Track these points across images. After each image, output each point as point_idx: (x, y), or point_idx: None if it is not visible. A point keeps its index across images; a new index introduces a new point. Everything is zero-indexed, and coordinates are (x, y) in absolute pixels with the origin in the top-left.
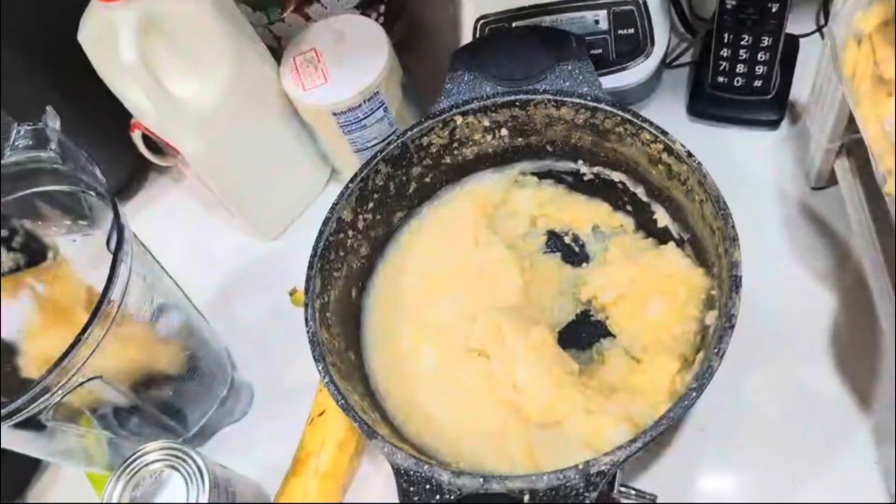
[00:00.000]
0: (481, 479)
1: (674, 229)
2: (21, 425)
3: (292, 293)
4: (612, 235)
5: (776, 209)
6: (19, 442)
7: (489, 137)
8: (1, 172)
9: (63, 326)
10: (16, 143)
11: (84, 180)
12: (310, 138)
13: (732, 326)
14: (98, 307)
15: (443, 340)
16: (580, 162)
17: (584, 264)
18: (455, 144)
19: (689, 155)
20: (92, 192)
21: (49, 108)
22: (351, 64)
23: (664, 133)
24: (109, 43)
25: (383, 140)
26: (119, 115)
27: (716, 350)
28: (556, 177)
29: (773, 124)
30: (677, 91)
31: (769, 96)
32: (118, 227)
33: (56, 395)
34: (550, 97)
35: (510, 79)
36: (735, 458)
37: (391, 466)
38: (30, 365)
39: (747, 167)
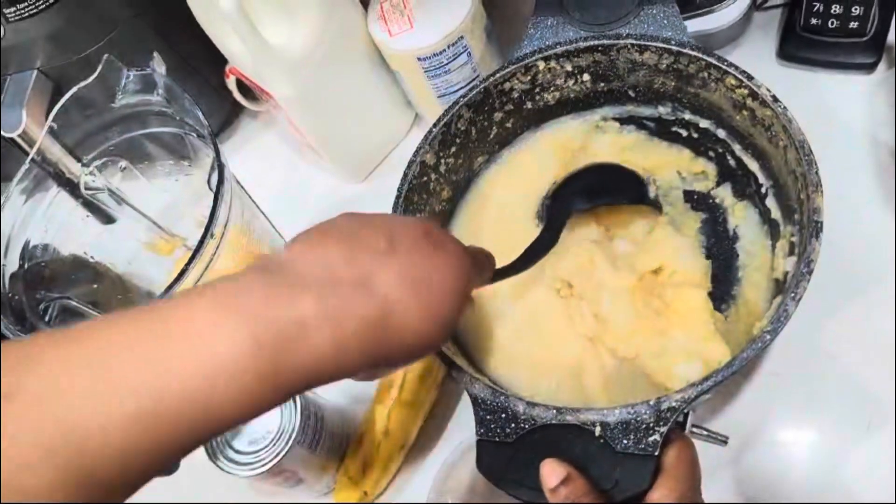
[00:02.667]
0: (554, 411)
1: (760, 176)
2: None
3: None
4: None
5: (867, 156)
6: None
7: (571, 82)
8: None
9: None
10: (126, 88)
11: (188, 122)
12: (395, 84)
13: (811, 272)
14: (202, 240)
15: (522, 282)
16: (662, 108)
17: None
18: (537, 89)
19: (775, 100)
20: (194, 134)
21: (156, 55)
22: (436, 9)
23: (749, 78)
24: None
25: (466, 85)
26: (213, 62)
27: (792, 294)
28: (638, 122)
29: (869, 68)
30: (767, 34)
31: (865, 38)
32: (219, 165)
33: None
34: (634, 41)
35: (594, 23)
36: (808, 405)
37: (469, 396)
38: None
39: (839, 112)
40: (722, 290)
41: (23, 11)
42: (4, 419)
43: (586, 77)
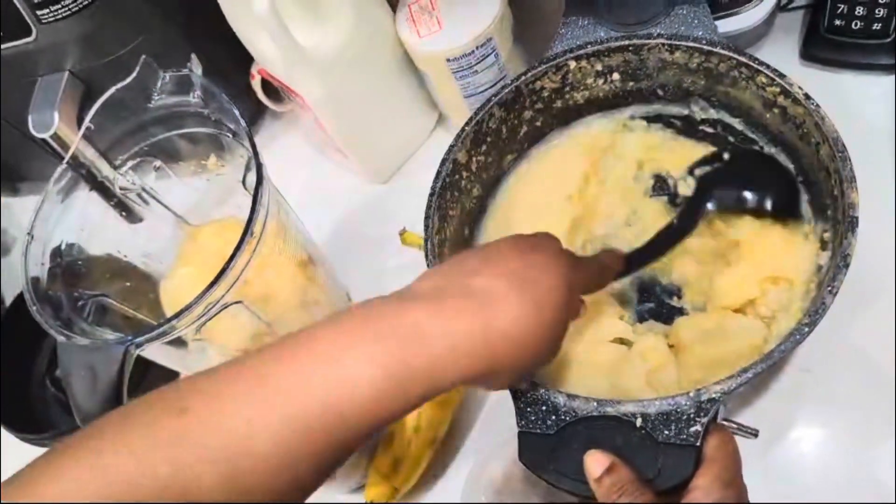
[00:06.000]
0: (595, 403)
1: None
2: (169, 342)
3: (402, 233)
4: None
5: (890, 155)
6: (166, 357)
7: (601, 82)
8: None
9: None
10: (163, 89)
11: (224, 123)
12: (420, 84)
13: (847, 266)
14: (242, 239)
15: None
16: (691, 106)
17: None
18: (567, 88)
19: (807, 97)
20: (229, 134)
21: (193, 56)
22: (464, 11)
23: (781, 76)
24: None
25: (493, 85)
26: (237, 64)
27: (829, 287)
28: (666, 121)
29: (891, 69)
30: (790, 35)
31: (888, 40)
32: (257, 165)
33: (203, 318)
34: (665, 41)
35: (624, 23)
36: (837, 401)
37: (509, 389)
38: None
39: (862, 112)
40: None
41: (56, 14)
42: (180, 430)
43: (616, 76)
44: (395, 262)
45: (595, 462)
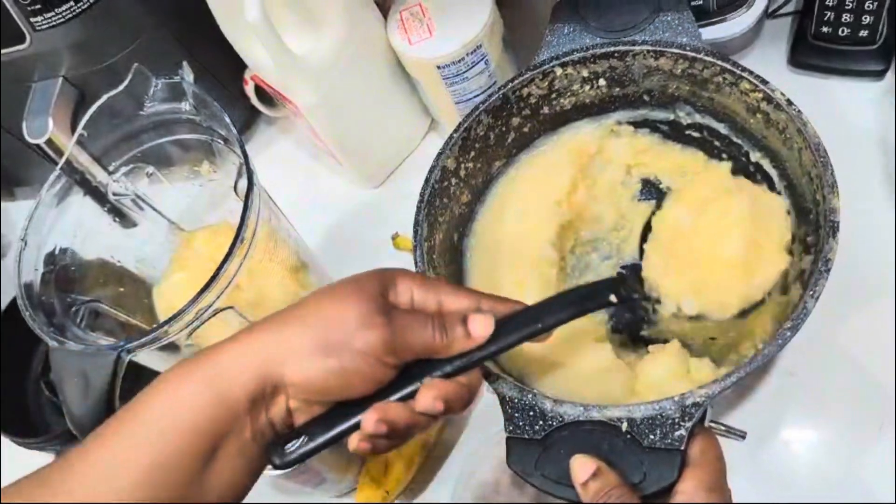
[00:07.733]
0: (581, 408)
1: (774, 178)
2: (162, 347)
3: (395, 237)
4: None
5: (878, 160)
6: (158, 362)
7: (587, 88)
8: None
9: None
10: (155, 96)
11: (215, 130)
12: (412, 90)
13: (828, 270)
14: (233, 245)
15: (542, 282)
16: (677, 111)
17: None
18: (553, 95)
19: (789, 103)
20: (221, 141)
21: (185, 64)
22: (455, 18)
23: (764, 82)
24: (235, 2)
25: (483, 92)
26: (230, 70)
27: (811, 292)
28: (652, 126)
29: (878, 75)
30: (778, 42)
31: (875, 46)
32: (248, 171)
33: (195, 323)
34: (649, 48)
35: (610, 30)
36: (822, 404)
37: (497, 394)
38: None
39: (850, 118)
40: None
41: (50, 21)
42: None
43: (602, 82)
44: (388, 266)
45: (581, 467)
